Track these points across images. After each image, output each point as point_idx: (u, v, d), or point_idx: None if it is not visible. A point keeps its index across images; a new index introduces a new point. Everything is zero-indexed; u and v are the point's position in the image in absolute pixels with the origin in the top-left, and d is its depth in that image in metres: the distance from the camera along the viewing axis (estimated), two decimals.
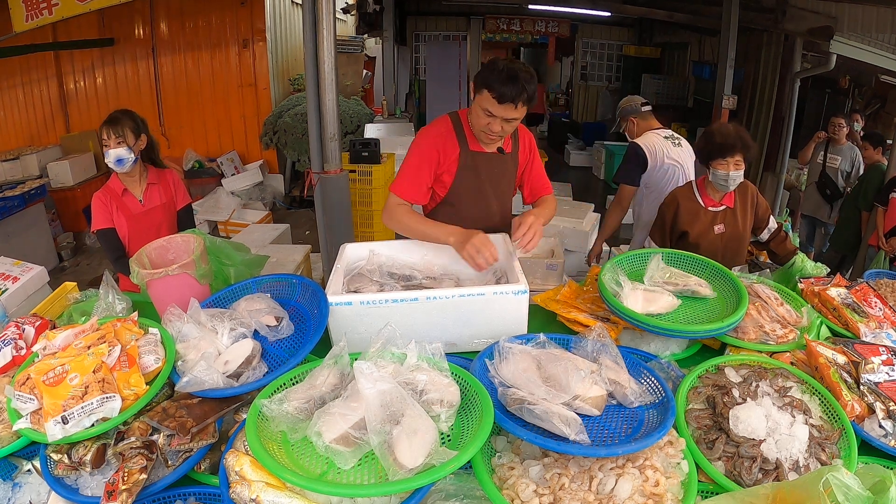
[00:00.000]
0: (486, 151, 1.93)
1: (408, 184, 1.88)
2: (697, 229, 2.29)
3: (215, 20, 6.49)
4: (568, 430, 1.04)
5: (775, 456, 1.14)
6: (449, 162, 1.91)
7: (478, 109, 1.76)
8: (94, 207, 2.20)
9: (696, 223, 2.29)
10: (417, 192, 1.90)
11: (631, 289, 1.60)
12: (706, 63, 7.74)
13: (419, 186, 1.89)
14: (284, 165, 6.93)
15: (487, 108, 1.71)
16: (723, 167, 2.17)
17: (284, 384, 1.21)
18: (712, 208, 2.30)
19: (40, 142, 6.55)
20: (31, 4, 4.16)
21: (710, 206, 2.30)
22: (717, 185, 2.24)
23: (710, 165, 2.20)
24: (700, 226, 2.29)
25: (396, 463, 0.97)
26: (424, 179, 1.90)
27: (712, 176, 2.21)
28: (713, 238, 2.31)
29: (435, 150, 1.88)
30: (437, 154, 1.89)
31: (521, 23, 9.65)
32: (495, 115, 1.72)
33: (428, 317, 1.45)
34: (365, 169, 4.59)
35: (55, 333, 1.30)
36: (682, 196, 2.33)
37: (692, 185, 2.37)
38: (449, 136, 1.90)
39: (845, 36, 4.68)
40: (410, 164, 1.90)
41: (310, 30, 2.93)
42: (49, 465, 1.12)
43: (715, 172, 2.19)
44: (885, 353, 1.40)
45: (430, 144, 1.89)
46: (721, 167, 2.17)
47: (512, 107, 1.68)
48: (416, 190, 1.89)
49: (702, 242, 2.29)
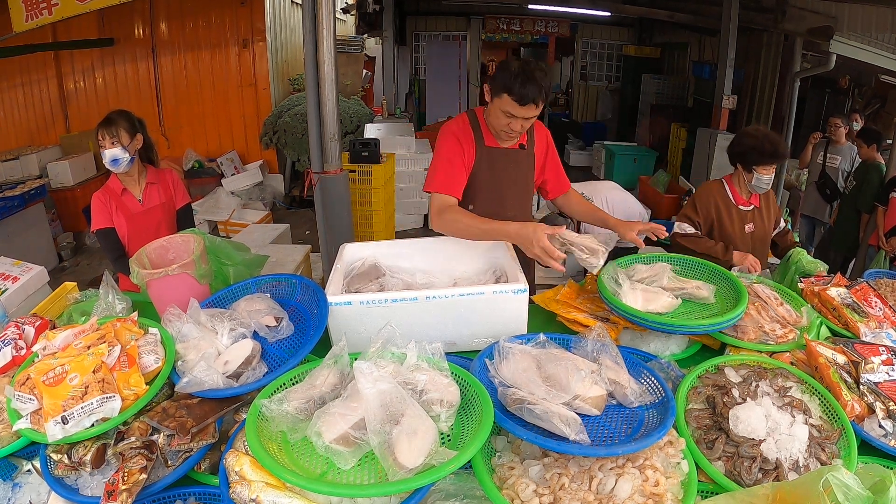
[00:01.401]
0: (502, 147, 1.96)
1: (446, 178, 1.86)
2: (730, 227, 2.31)
3: (215, 20, 6.50)
4: (568, 430, 1.04)
5: (775, 456, 1.14)
6: (470, 158, 1.93)
7: (497, 112, 1.79)
8: (94, 207, 2.20)
9: (730, 220, 2.31)
10: (456, 185, 1.88)
11: (630, 287, 1.60)
12: (706, 63, 7.74)
13: (455, 179, 1.88)
14: (284, 165, 6.94)
15: (508, 111, 1.75)
16: (766, 172, 2.21)
17: (284, 384, 1.20)
18: (743, 207, 2.32)
19: (40, 142, 6.54)
20: (31, 4, 4.16)
21: (741, 204, 2.32)
22: (754, 188, 2.27)
23: (753, 170, 2.23)
24: (733, 224, 2.31)
25: (396, 463, 0.97)
26: (459, 171, 1.90)
27: (755, 180, 2.23)
28: (745, 237, 2.33)
29: (459, 144, 1.90)
30: (462, 149, 1.90)
31: (521, 23, 9.66)
32: (516, 116, 1.75)
33: (427, 316, 1.45)
34: (365, 169, 4.59)
35: (55, 333, 1.30)
36: (717, 192, 2.34)
37: (722, 182, 2.37)
38: (467, 132, 1.93)
39: (845, 36, 4.69)
40: (441, 158, 1.89)
41: (310, 30, 2.93)
42: (49, 465, 1.12)
43: (759, 177, 2.22)
44: (884, 352, 1.40)
45: (454, 139, 1.91)
46: (765, 172, 2.21)
47: (533, 107, 1.72)
48: (454, 182, 1.88)
49: (735, 240, 2.30)
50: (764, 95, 6.57)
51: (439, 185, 1.84)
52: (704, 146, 6.16)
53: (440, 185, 1.84)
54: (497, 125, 1.84)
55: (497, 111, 1.79)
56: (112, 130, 2.13)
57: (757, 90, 6.69)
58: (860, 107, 6.50)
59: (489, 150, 1.95)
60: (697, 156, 6.40)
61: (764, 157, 2.19)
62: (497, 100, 1.76)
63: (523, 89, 1.68)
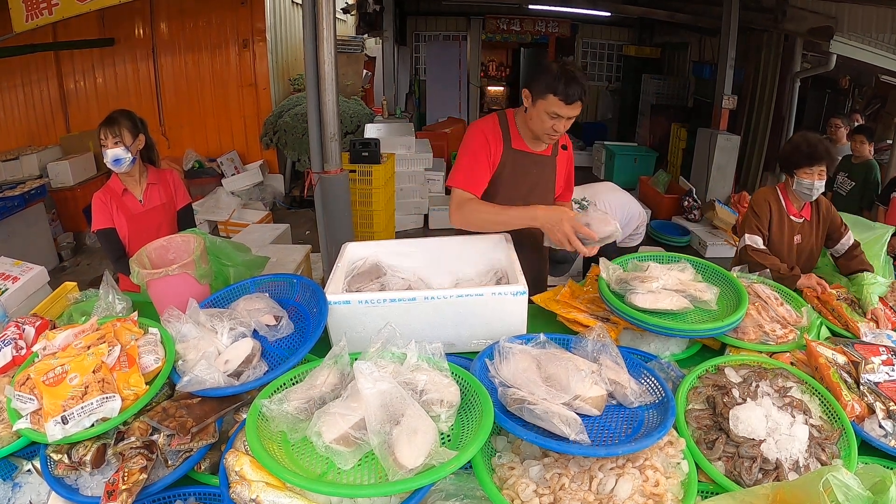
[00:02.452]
0: (529, 151, 1.97)
1: (469, 174, 1.89)
2: (779, 236, 2.27)
3: (215, 20, 6.49)
4: (568, 430, 1.04)
5: (775, 456, 1.14)
6: (496, 158, 1.94)
7: (541, 114, 1.81)
8: (95, 207, 2.20)
9: (780, 230, 2.27)
10: (479, 182, 1.90)
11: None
12: (706, 63, 7.73)
13: (479, 176, 1.90)
14: (284, 165, 6.93)
15: (555, 111, 1.77)
16: (808, 176, 2.16)
17: (284, 384, 1.21)
18: (794, 218, 2.28)
19: (40, 142, 6.54)
20: (31, 4, 4.16)
21: (793, 215, 2.28)
22: (800, 195, 2.23)
23: (795, 174, 2.20)
24: (782, 233, 2.27)
25: (396, 463, 0.97)
26: (483, 169, 1.91)
27: (796, 185, 2.20)
28: (792, 248, 2.29)
29: (486, 142, 1.92)
30: (489, 148, 1.92)
31: (521, 23, 9.65)
32: (562, 116, 1.79)
33: (426, 317, 1.45)
34: (365, 169, 4.59)
35: (55, 333, 1.30)
36: (772, 199, 2.29)
37: (776, 189, 2.32)
38: (496, 132, 1.94)
39: (845, 36, 4.68)
40: (467, 154, 1.92)
41: (310, 30, 2.93)
42: (49, 465, 1.12)
43: (800, 181, 2.18)
44: (885, 353, 1.40)
45: (482, 136, 1.92)
46: (806, 176, 2.17)
47: (579, 104, 1.77)
48: (477, 179, 1.89)
49: (781, 250, 2.27)
50: (764, 95, 6.56)
51: (461, 181, 1.87)
52: (705, 146, 6.16)
53: (462, 181, 1.87)
54: (541, 128, 1.84)
55: (541, 113, 1.80)
56: (115, 130, 2.13)
57: (757, 90, 6.69)
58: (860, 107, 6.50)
59: (515, 152, 1.95)
60: (698, 156, 6.40)
61: (802, 157, 2.15)
62: (542, 101, 1.79)
63: (568, 88, 1.73)
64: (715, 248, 5.33)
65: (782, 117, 6.14)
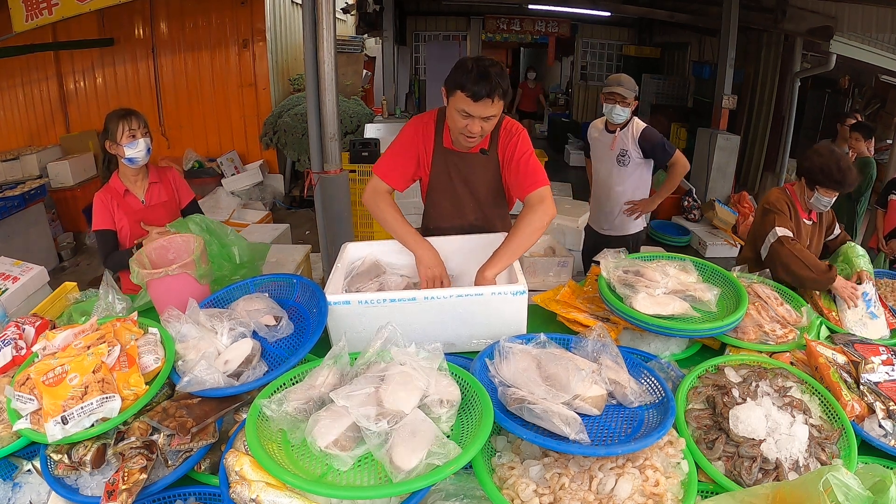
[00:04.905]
0: (458, 151, 1.90)
1: (389, 167, 1.90)
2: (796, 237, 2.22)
3: (215, 20, 6.49)
4: (568, 430, 1.04)
5: (775, 456, 1.14)
6: (427, 156, 1.93)
7: (453, 112, 1.72)
8: (95, 207, 2.19)
9: (796, 232, 2.24)
10: (398, 178, 1.91)
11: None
12: (706, 63, 7.73)
13: (399, 172, 1.90)
14: (284, 165, 6.93)
15: (463, 109, 1.67)
16: (828, 195, 2.16)
17: (284, 384, 1.21)
18: (806, 220, 2.27)
19: (40, 142, 6.54)
20: (31, 4, 4.17)
21: (803, 217, 2.27)
22: (812, 206, 2.22)
23: (816, 188, 2.18)
24: (798, 235, 2.23)
25: (395, 464, 0.97)
26: (404, 166, 1.90)
27: (815, 199, 2.18)
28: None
29: (417, 139, 1.90)
30: (419, 144, 1.91)
31: (521, 23, 9.65)
32: (473, 115, 1.68)
33: (426, 316, 1.45)
34: (365, 169, 4.59)
35: (55, 333, 1.30)
36: (786, 198, 2.27)
37: (786, 190, 2.30)
38: (428, 130, 1.91)
39: (845, 36, 4.68)
40: (394, 148, 1.92)
41: (310, 30, 2.93)
42: (49, 465, 1.12)
43: (819, 197, 2.17)
44: (885, 353, 1.41)
45: (413, 134, 1.91)
46: (827, 195, 2.16)
47: (489, 102, 1.64)
48: (397, 175, 1.90)
49: None
50: (764, 95, 6.57)
51: (383, 171, 1.90)
52: (704, 146, 6.16)
53: (383, 171, 1.90)
54: (455, 127, 1.76)
55: (453, 111, 1.72)
56: (140, 120, 2.09)
57: (757, 90, 6.70)
58: (860, 107, 6.50)
59: (445, 151, 1.91)
60: (697, 156, 6.40)
61: (830, 182, 2.13)
62: (452, 98, 1.69)
63: (476, 85, 1.61)
64: (715, 248, 5.33)
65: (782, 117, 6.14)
